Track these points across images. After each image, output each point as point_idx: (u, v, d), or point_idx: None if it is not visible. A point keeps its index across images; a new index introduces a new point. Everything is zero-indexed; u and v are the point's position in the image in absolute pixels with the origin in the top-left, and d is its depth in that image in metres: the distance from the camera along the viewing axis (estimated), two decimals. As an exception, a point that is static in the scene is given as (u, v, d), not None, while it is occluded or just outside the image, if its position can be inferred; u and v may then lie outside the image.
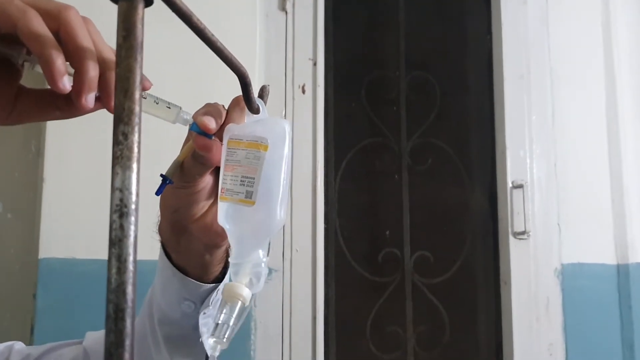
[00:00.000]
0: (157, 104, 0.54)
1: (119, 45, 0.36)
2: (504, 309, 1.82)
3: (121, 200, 0.34)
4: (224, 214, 0.56)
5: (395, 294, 1.83)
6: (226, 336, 0.52)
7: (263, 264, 0.56)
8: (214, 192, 0.60)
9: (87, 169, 1.57)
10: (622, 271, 1.82)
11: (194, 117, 0.56)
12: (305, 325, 1.69)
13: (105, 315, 0.33)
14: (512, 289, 1.79)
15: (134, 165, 0.34)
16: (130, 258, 0.33)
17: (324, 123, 1.81)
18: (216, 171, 0.59)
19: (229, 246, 0.64)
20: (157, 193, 0.57)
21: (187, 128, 0.57)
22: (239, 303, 0.53)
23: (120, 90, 0.35)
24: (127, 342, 0.32)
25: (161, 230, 0.64)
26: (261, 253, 0.56)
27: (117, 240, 0.33)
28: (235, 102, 0.58)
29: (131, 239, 0.33)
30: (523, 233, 1.80)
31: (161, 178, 0.58)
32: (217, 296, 0.65)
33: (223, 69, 0.53)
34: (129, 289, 0.33)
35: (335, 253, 1.81)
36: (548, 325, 1.79)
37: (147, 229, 0.55)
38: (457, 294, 1.85)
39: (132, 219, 0.34)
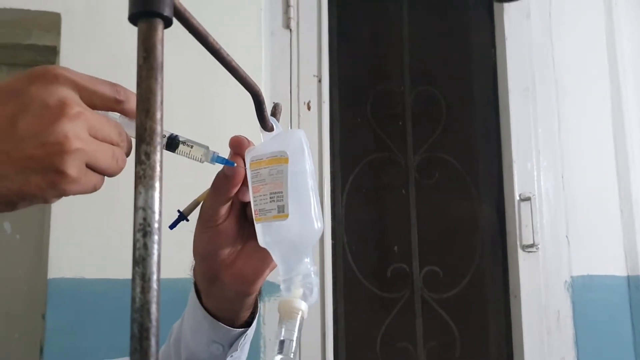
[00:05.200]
0: (191, 147, 0.55)
1: (139, 66, 0.36)
2: (514, 323, 1.81)
3: (144, 219, 0.34)
4: (263, 236, 0.57)
5: (404, 310, 1.81)
6: (292, 351, 0.52)
7: (313, 274, 0.56)
8: (239, 238, 0.61)
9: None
10: (633, 283, 1.80)
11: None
12: (315, 342, 1.68)
13: (130, 334, 0.33)
14: (522, 303, 1.78)
15: (157, 185, 0.34)
16: (154, 277, 0.33)
17: (329, 139, 1.81)
18: (239, 214, 0.60)
19: (259, 294, 0.66)
20: (170, 227, 0.58)
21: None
22: (299, 317, 0.53)
23: (141, 110, 0.35)
24: (153, 361, 0.32)
25: (195, 274, 0.65)
26: (308, 263, 0.57)
27: (141, 259, 0.33)
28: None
29: (155, 258, 0.33)
30: (532, 246, 1.79)
31: (178, 213, 0.59)
32: (245, 340, 0.66)
33: (229, 90, 0.54)
34: (154, 308, 0.33)
35: (343, 269, 1.80)
36: (559, 338, 1.77)
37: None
38: (467, 309, 1.84)
39: (156, 237, 0.34)
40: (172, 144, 0.55)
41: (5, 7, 1.62)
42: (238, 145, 0.57)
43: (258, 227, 0.57)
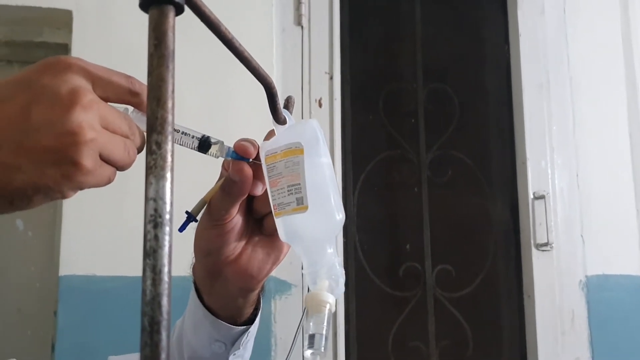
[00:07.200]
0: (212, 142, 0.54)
1: (150, 54, 0.36)
2: (528, 323, 1.79)
3: (155, 210, 0.33)
4: (283, 230, 0.56)
5: (417, 309, 1.80)
6: (322, 345, 0.51)
7: (337, 265, 0.55)
8: (244, 232, 0.60)
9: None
10: (649, 282, 1.78)
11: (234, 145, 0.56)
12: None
13: (140, 328, 0.32)
14: (536, 302, 1.76)
15: (168, 175, 0.33)
16: (166, 269, 0.32)
17: (341, 136, 1.80)
18: (245, 210, 0.59)
19: (262, 290, 0.64)
20: (180, 230, 0.56)
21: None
22: (327, 310, 0.52)
23: (152, 99, 0.34)
24: (163, 356, 0.31)
25: (195, 273, 0.64)
26: (332, 254, 0.55)
27: (152, 251, 0.32)
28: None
29: (166, 250, 0.32)
30: (546, 245, 1.77)
31: (186, 215, 0.58)
32: (247, 338, 0.65)
33: (241, 83, 0.53)
34: (165, 300, 0.32)
35: (355, 267, 1.79)
36: (574, 338, 1.75)
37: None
38: (480, 308, 1.83)
39: (167, 229, 0.33)
40: (204, 145, 0.53)
41: (17, 5, 1.63)
42: (244, 151, 0.55)
43: (278, 221, 0.56)
